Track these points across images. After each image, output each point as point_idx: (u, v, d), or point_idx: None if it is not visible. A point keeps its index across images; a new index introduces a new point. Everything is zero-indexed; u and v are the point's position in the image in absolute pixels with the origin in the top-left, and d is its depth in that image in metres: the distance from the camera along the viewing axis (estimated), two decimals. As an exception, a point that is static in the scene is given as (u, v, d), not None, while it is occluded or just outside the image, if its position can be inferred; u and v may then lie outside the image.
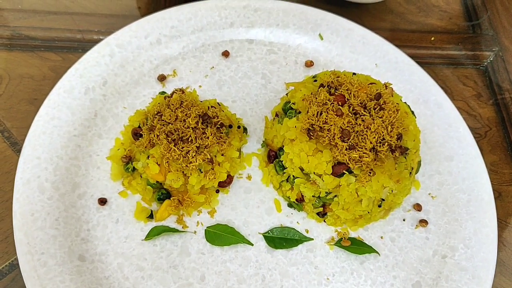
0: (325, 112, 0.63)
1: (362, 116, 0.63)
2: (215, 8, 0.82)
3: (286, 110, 0.69)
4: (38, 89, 0.80)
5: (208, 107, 0.69)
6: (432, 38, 0.93)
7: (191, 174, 0.65)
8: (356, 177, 0.63)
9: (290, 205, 0.71)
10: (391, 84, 0.69)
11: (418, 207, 0.72)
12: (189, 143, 0.64)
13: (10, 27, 0.85)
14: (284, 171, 0.68)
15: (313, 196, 0.66)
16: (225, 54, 0.82)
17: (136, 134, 0.68)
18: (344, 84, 0.66)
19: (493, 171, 0.81)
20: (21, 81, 0.80)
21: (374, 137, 0.62)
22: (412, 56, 0.84)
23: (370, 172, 0.62)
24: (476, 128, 0.85)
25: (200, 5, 0.82)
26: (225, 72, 0.81)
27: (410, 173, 0.67)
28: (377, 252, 0.68)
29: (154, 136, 0.64)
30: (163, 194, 0.67)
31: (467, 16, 0.98)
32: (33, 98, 0.79)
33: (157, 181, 0.66)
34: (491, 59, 0.92)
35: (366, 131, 0.62)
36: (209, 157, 0.65)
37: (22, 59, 0.83)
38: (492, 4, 1.00)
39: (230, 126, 0.71)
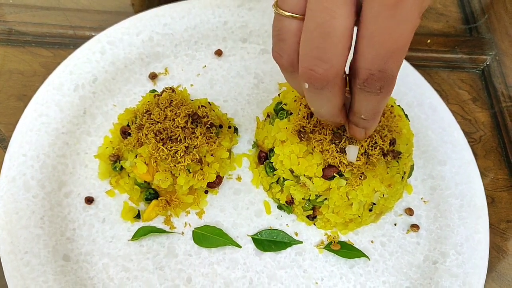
0: (315, 114, 0.62)
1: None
2: (209, 6, 0.81)
3: (278, 111, 0.68)
4: (28, 85, 0.79)
5: (199, 107, 0.68)
6: (428, 41, 0.92)
7: (179, 174, 0.64)
8: (346, 180, 0.62)
9: (279, 207, 0.70)
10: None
11: (410, 211, 0.71)
12: (178, 142, 0.63)
13: (1, 21, 0.84)
14: (274, 172, 0.67)
15: (303, 198, 0.65)
16: (218, 53, 0.81)
17: (125, 132, 0.67)
18: (336, 85, 0.65)
19: (487, 176, 0.80)
20: (11, 77, 0.79)
21: (366, 141, 0.61)
22: (407, 59, 0.83)
23: (361, 176, 0.61)
24: (471, 132, 0.84)
25: (193, 3, 0.81)
26: (218, 71, 0.80)
27: (402, 177, 0.66)
28: (367, 257, 0.67)
29: (143, 135, 0.64)
30: (150, 194, 0.66)
31: (464, 19, 0.97)
32: (22, 94, 0.78)
33: (145, 181, 0.65)
34: (488, 63, 0.91)
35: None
36: (198, 157, 0.64)
37: (12, 54, 0.81)
38: (490, 8, 0.99)
39: (221, 126, 0.71)
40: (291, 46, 0.44)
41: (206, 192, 0.70)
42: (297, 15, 0.42)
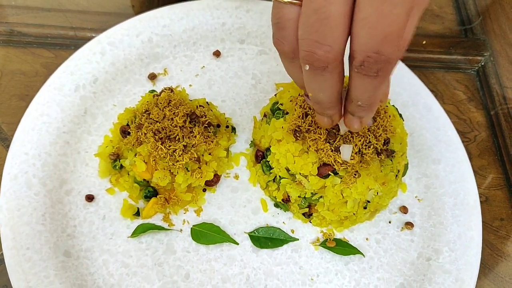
0: (310, 114, 0.63)
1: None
2: (207, 8, 0.83)
3: (274, 110, 0.70)
4: (30, 85, 0.80)
5: (197, 106, 0.70)
6: (424, 42, 0.94)
7: (178, 172, 0.65)
8: (341, 178, 0.63)
9: (276, 205, 0.71)
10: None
11: (404, 209, 0.73)
12: (176, 141, 0.65)
13: (3, 23, 0.85)
14: (271, 171, 0.68)
15: (299, 196, 0.66)
16: (216, 54, 0.82)
17: (124, 131, 0.68)
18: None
19: (481, 175, 0.81)
20: (13, 77, 0.81)
21: (360, 140, 0.62)
22: (403, 59, 0.84)
23: (355, 174, 0.63)
24: (465, 132, 0.85)
25: (192, 4, 0.83)
26: (216, 71, 0.81)
27: (396, 175, 0.67)
28: (362, 254, 0.69)
29: (142, 134, 0.65)
30: (150, 192, 0.68)
31: (459, 20, 0.98)
32: (24, 94, 0.79)
33: (144, 179, 0.67)
34: (482, 63, 0.93)
35: (352, 134, 0.62)
36: (196, 156, 0.65)
37: (14, 55, 0.83)
38: (485, 10, 1.00)
39: (219, 126, 0.72)
40: (292, 33, 0.45)
41: (204, 190, 0.71)
42: (295, 1, 0.43)
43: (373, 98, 0.48)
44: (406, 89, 0.81)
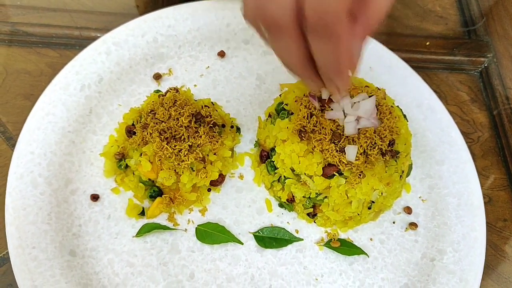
0: (315, 114, 0.63)
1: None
2: (212, 9, 0.83)
3: (279, 111, 0.70)
4: (35, 84, 0.80)
5: (202, 106, 0.70)
6: (428, 43, 0.94)
7: (183, 172, 0.65)
8: (346, 179, 0.63)
9: (281, 205, 0.72)
10: (385, 90, 0.69)
11: (408, 210, 0.73)
12: (182, 141, 0.65)
13: (8, 23, 0.85)
14: (276, 171, 0.69)
15: (303, 196, 0.67)
16: (221, 54, 0.82)
17: (130, 131, 0.68)
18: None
19: (485, 176, 0.81)
20: (18, 76, 0.81)
21: (366, 142, 0.62)
22: (407, 60, 0.84)
23: (360, 175, 0.63)
24: (469, 133, 0.85)
25: (197, 5, 0.83)
26: (220, 72, 0.81)
27: (401, 176, 0.67)
28: (366, 254, 0.69)
29: (147, 134, 0.65)
30: (155, 191, 0.68)
31: (463, 22, 0.99)
32: (29, 94, 0.79)
33: (149, 179, 0.67)
34: (486, 64, 0.93)
35: (358, 134, 0.63)
36: (201, 156, 0.66)
37: (20, 54, 0.83)
38: (488, 11, 1.00)
39: (223, 126, 0.72)
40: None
41: (209, 190, 0.71)
42: None
43: (336, 64, 0.48)
44: (410, 90, 0.81)
